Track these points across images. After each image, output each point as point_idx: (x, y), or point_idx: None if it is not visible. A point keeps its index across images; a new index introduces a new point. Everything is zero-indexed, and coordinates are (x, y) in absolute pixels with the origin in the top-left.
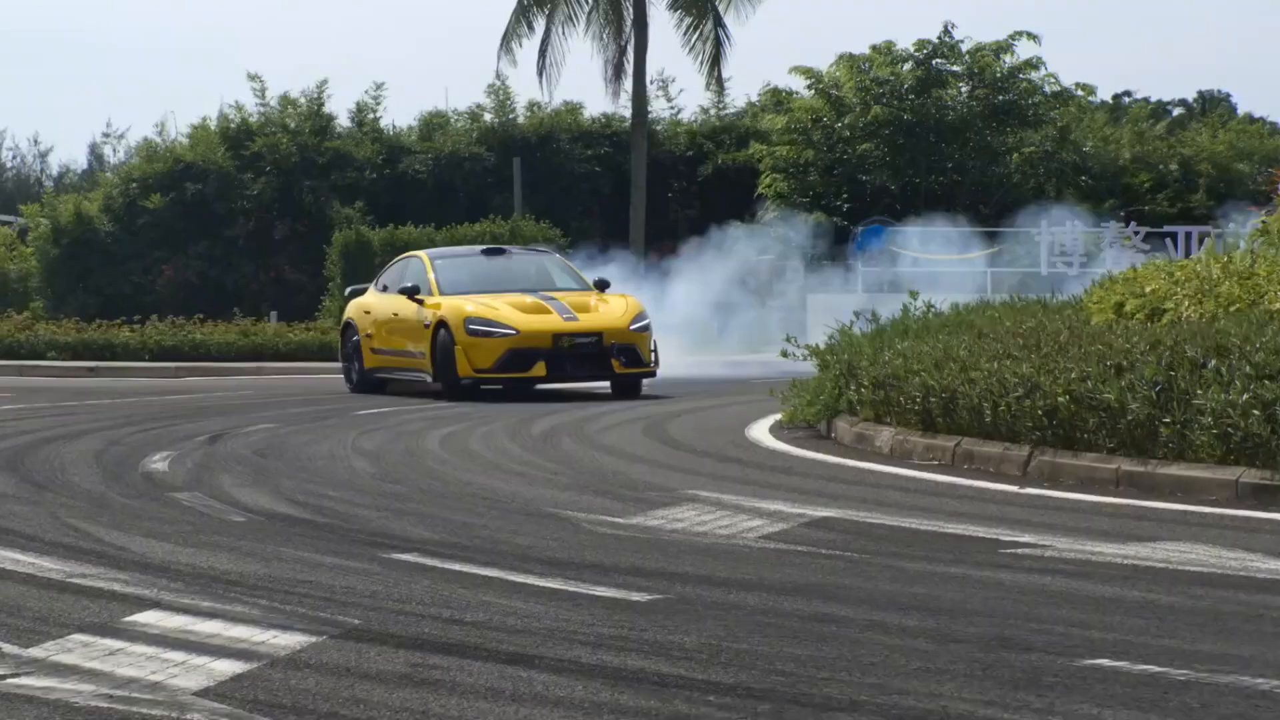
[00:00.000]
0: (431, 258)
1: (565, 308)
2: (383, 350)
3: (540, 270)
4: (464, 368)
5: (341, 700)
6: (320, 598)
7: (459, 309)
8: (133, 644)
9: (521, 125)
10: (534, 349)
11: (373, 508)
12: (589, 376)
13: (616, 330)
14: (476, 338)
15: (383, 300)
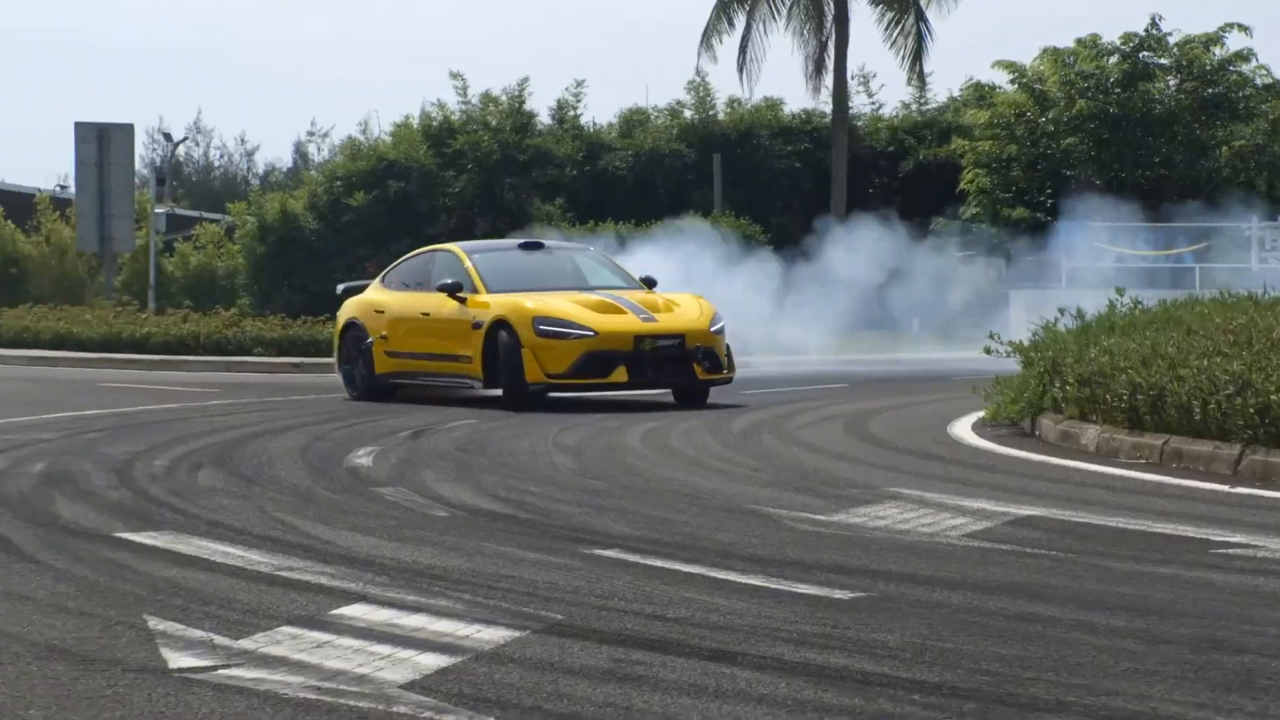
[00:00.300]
0: (468, 251)
1: (639, 307)
2: (403, 354)
3: (582, 266)
4: (533, 372)
5: (545, 695)
6: (523, 593)
7: (520, 307)
8: (340, 637)
9: (721, 121)
10: (614, 352)
11: (574, 504)
12: (669, 383)
13: (698, 332)
14: (548, 339)
15: (403, 298)
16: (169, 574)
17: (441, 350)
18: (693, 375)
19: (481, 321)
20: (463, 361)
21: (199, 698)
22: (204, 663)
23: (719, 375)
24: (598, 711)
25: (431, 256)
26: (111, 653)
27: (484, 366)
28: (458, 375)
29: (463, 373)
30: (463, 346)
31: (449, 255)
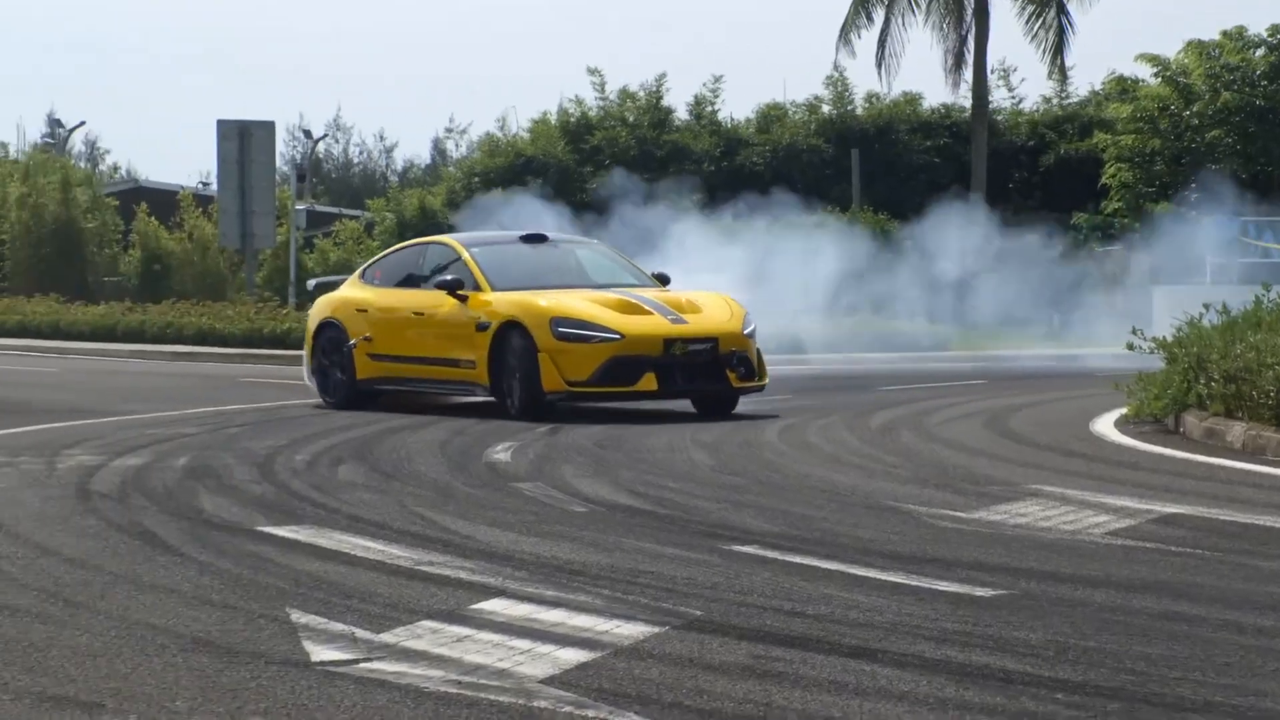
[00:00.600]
0: (466, 244)
1: (664, 307)
2: (392, 357)
3: (586, 261)
4: (552, 380)
5: (685, 691)
6: (662, 588)
7: (534, 307)
8: (479, 631)
9: (859, 116)
10: (642, 357)
11: (712, 499)
12: (700, 391)
13: (732, 335)
14: (568, 343)
15: (391, 296)
16: (311, 568)
17: (438, 354)
18: (726, 383)
19: (488, 323)
20: (464, 367)
21: (341, 691)
22: (346, 656)
23: (752, 383)
24: (737, 708)
25: (422, 250)
26: (255, 645)
27: (490, 372)
28: (458, 382)
29: (465, 379)
30: (465, 350)
31: (444, 249)
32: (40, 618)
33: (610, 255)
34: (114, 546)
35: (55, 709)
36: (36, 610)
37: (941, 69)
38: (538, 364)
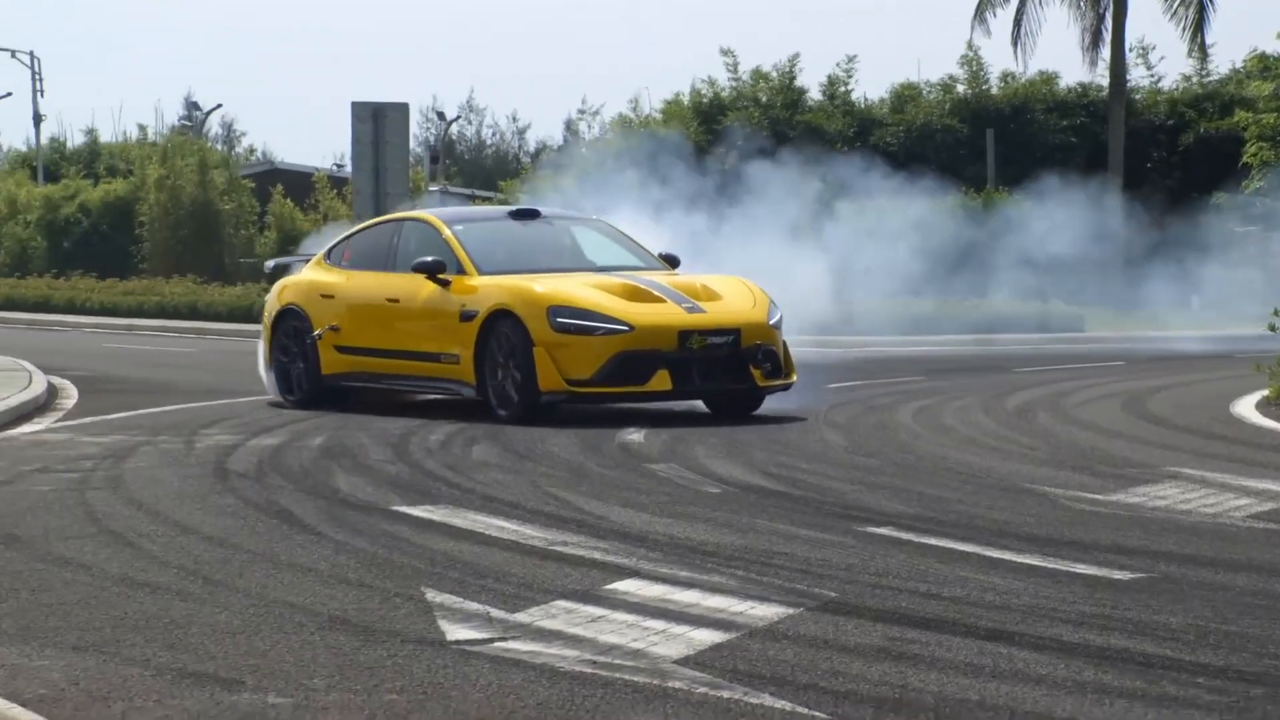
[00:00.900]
0: (447, 221)
1: (677, 294)
2: (362, 350)
3: (583, 240)
4: (550, 378)
5: (820, 672)
6: (796, 570)
7: (528, 294)
8: (614, 612)
9: (995, 96)
10: (654, 352)
11: (846, 481)
12: (721, 391)
13: (756, 326)
14: (569, 335)
15: (361, 281)
16: (445, 547)
17: (416, 347)
18: (750, 381)
19: (474, 311)
20: (447, 362)
21: (477, 669)
22: (481, 635)
23: (779, 381)
24: (872, 690)
25: (397, 227)
26: (391, 624)
27: (477, 369)
28: (439, 379)
29: (447, 376)
30: (447, 342)
31: (422, 226)
32: (180, 595)
33: (612, 233)
34: (251, 525)
35: (195, 685)
36: (176, 588)
37: (1079, 47)
38: (533, 360)
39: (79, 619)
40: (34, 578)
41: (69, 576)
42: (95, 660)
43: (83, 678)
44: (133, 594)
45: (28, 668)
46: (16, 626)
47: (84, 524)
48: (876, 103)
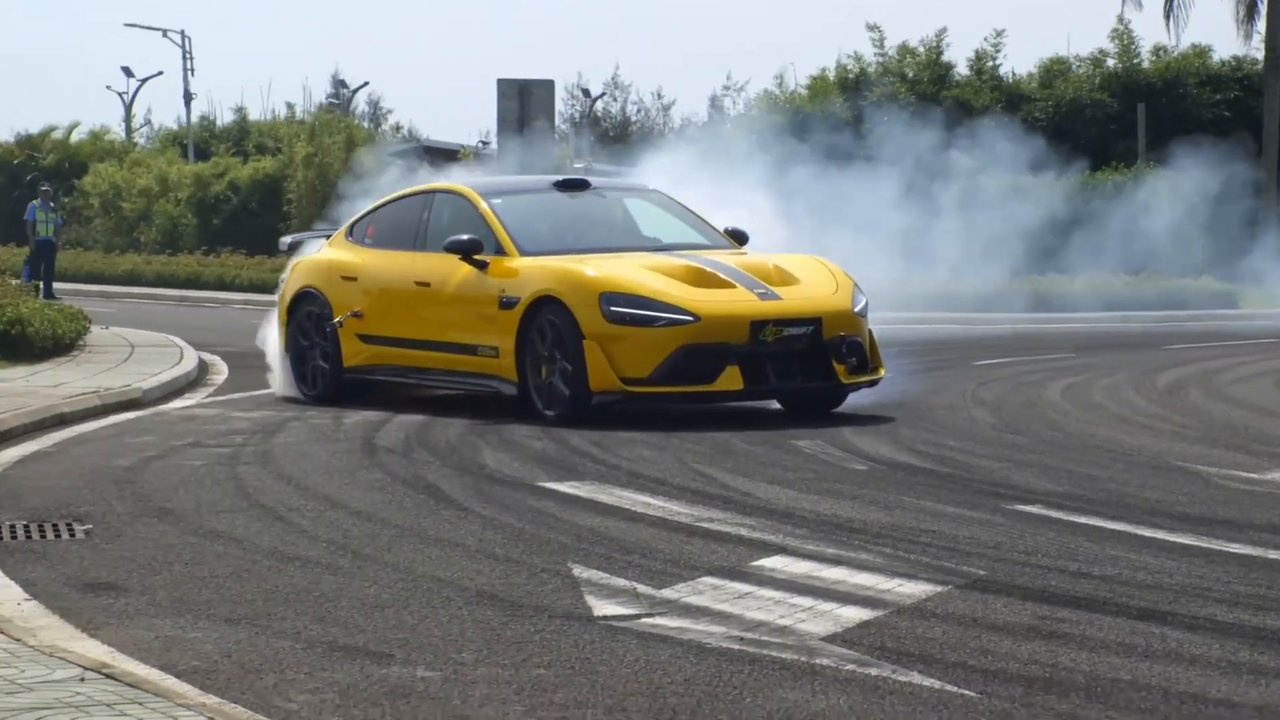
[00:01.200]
0: (484, 193)
1: (748, 276)
2: (387, 340)
3: (644, 215)
4: (602, 375)
5: (968, 651)
6: (944, 547)
7: (577, 277)
8: (760, 588)
9: (1146, 70)
10: (723, 345)
11: (994, 458)
12: (799, 389)
13: (839, 314)
14: (624, 326)
15: (387, 261)
16: (592, 523)
17: (449, 337)
18: (833, 377)
19: (515, 298)
20: (485, 355)
21: (624, 645)
22: (628, 611)
23: (865, 376)
24: (1022, 669)
25: (427, 200)
26: (538, 599)
27: (519, 364)
28: (475, 375)
29: (484, 371)
30: (485, 333)
31: (455, 199)
32: (330, 569)
33: (671, 206)
34: (399, 500)
35: (345, 658)
36: (326, 561)
37: (1233, 20)
38: (583, 354)
39: (231, 592)
40: (187, 551)
41: (221, 550)
42: (247, 633)
43: (235, 650)
44: (283, 568)
45: (182, 640)
46: (170, 599)
47: (235, 498)
48: (1025, 77)
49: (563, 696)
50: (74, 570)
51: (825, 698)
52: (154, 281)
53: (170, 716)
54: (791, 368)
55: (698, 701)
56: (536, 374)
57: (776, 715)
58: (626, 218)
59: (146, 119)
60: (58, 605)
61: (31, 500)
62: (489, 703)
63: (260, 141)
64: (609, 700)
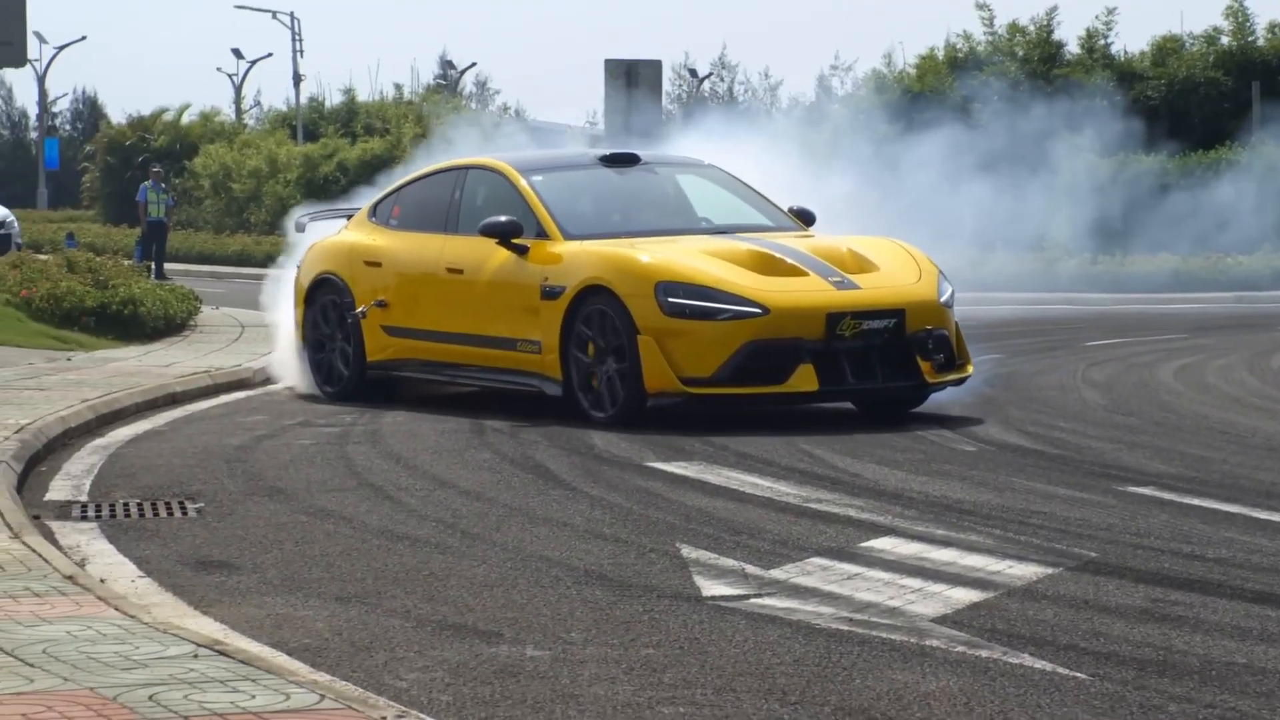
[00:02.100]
0: (523, 169)
1: (821, 263)
2: (415, 332)
3: (699, 194)
4: (659, 374)
5: (1080, 633)
6: (1054, 529)
7: (630, 264)
8: (869, 569)
9: (1261, 48)
10: (794, 341)
11: (1105, 439)
12: (881, 390)
13: (924, 306)
14: (684, 319)
15: (415, 245)
16: (700, 504)
17: (485, 330)
18: (917, 375)
19: (560, 287)
20: (525, 350)
21: (732, 625)
22: (736, 591)
23: (952, 375)
24: (1134, 651)
25: (459, 178)
26: (646, 579)
27: (564, 360)
28: (514, 372)
29: (524, 368)
30: (525, 325)
31: (491, 176)
32: (439, 548)
33: (729, 183)
34: (507, 479)
35: (455, 636)
36: (435, 540)
37: None
38: (637, 351)
39: (341, 570)
40: (297, 529)
41: (331, 529)
42: (358, 611)
43: (345, 628)
44: (393, 546)
45: (293, 618)
46: (281, 577)
47: (344, 477)
48: (1137, 56)
49: (671, 676)
50: (186, 548)
51: (935, 679)
52: (264, 262)
53: (282, 694)
54: (871, 365)
55: (807, 682)
56: (583, 372)
57: (886, 696)
58: (681, 196)
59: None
60: (171, 582)
61: (144, 479)
62: (598, 682)
63: (368, 123)
64: (718, 680)
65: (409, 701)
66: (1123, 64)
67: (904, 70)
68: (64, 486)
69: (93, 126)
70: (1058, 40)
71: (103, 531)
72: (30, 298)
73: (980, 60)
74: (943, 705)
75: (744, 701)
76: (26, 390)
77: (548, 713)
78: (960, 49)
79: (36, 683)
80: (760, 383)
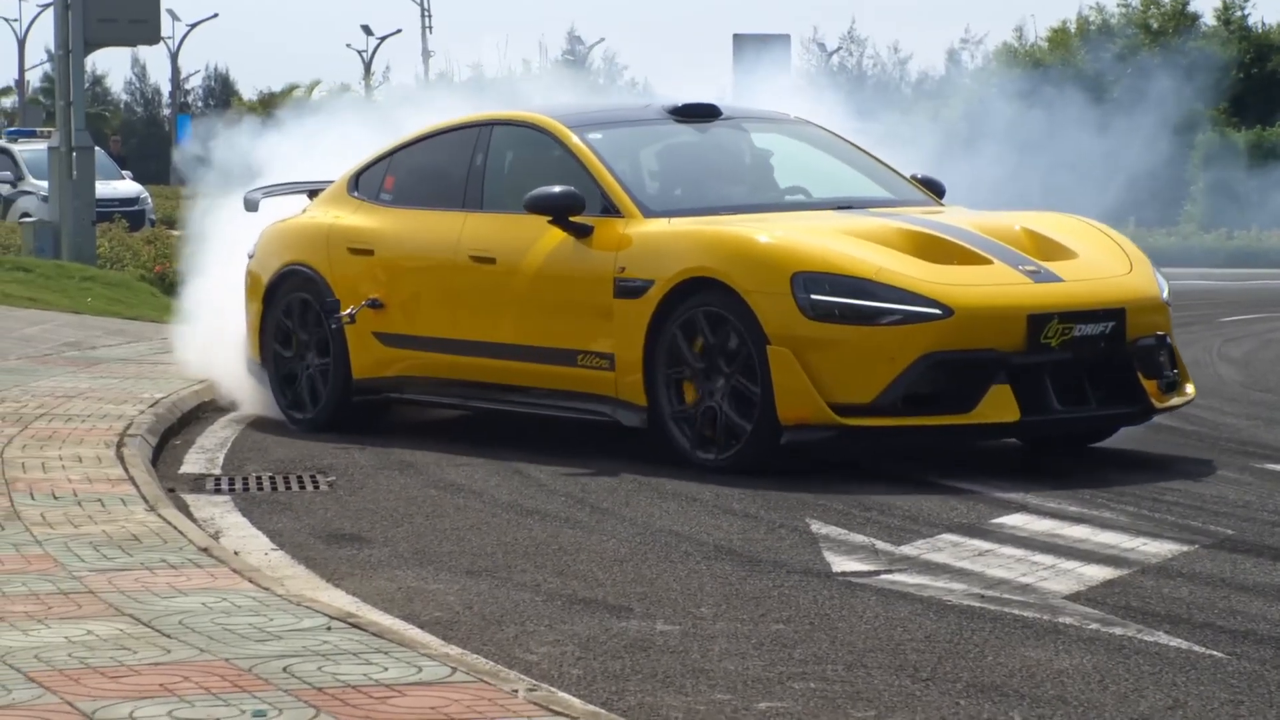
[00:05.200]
0: (574, 126)
1: (1004, 248)
2: (424, 342)
3: (791, 157)
4: (800, 399)
5: (1216, 611)
6: (1190, 506)
7: (756, 250)
8: (1001, 546)
9: None
10: (987, 354)
11: (1242, 416)
12: (1095, 419)
13: (1146, 304)
14: (834, 324)
15: (420, 225)
16: (829, 479)
17: (529, 340)
18: (1143, 398)
19: (644, 281)
20: (590, 365)
21: (863, 601)
22: (866, 567)
23: (1178, 397)
24: (1272, 630)
25: (480, 138)
26: (776, 555)
27: (649, 379)
28: (574, 397)
29: (590, 389)
30: (590, 333)
31: (528, 134)
32: (569, 523)
33: (831, 144)
34: (637, 454)
35: (585, 610)
36: (565, 515)
37: None
38: (768, 368)
39: (471, 544)
40: (428, 503)
41: (461, 502)
42: (488, 585)
43: (476, 601)
44: (522, 521)
45: (424, 591)
46: (412, 550)
47: (474, 451)
48: (1274, 28)
49: (802, 652)
50: (318, 521)
51: (1069, 656)
52: None
53: (414, 666)
54: (1080, 385)
55: (939, 658)
56: (679, 395)
57: (1019, 674)
58: (768, 161)
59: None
60: (303, 555)
61: (277, 452)
62: (728, 657)
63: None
64: (849, 656)
65: (539, 675)
66: (1260, 36)
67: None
68: (198, 460)
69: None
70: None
71: (236, 505)
72: (164, 273)
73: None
74: (1076, 683)
75: (875, 677)
76: (161, 364)
77: (678, 687)
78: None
79: (173, 653)
80: (940, 411)
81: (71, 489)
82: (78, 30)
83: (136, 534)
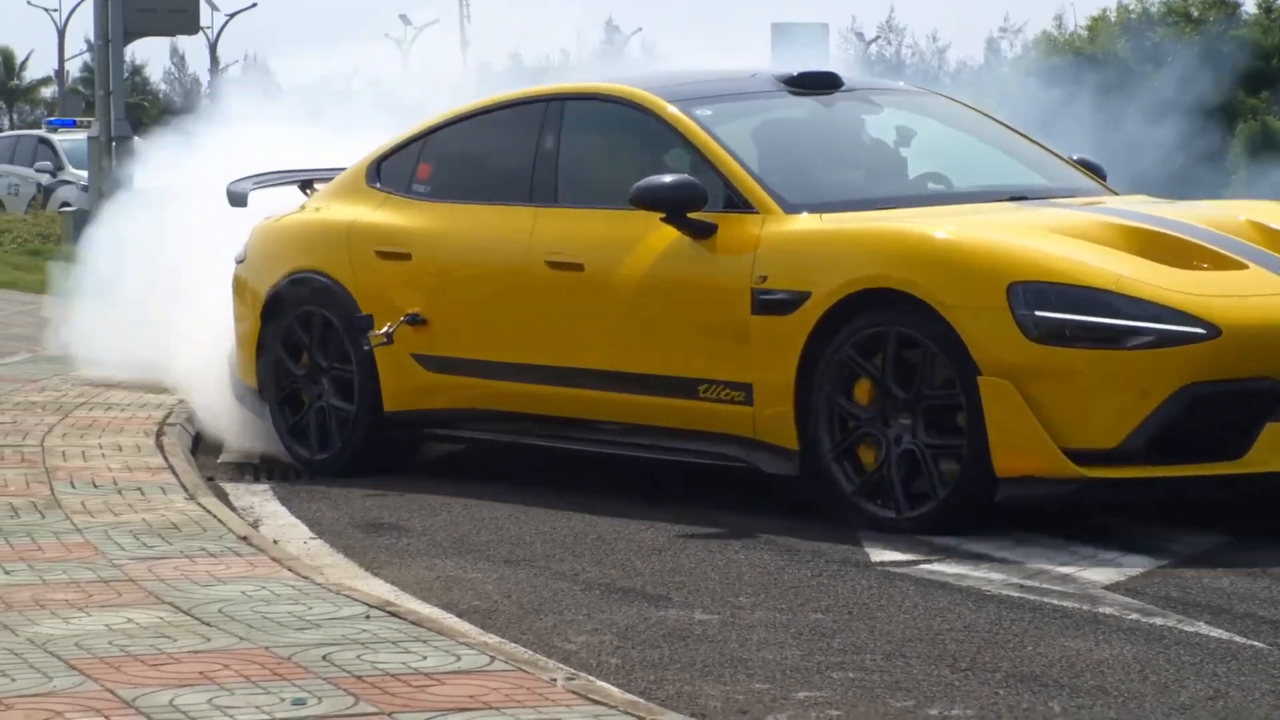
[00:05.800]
0: (673, 98)
1: (1254, 249)
2: (483, 366)
3: (929, 137)
4: (1025, 444)
5: (1258, 601)
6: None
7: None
8: (1041, 535)
9: None
10: (1264, 383)
11: None
12: None
13: None
14: (1066, 348)
15: (473, 223)
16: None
17: (632, 366)
18: None
19: (796, 294)
20: (718, 398)
21: (901, 591)
22: (906, 557)
23: None
24: None
25: (548, 115)
26: (814, 544)
27: (803, 417)
28: (699, 436)
29: (720, 428)
30: (720, 358)
31: (614, 111)
32: (607, 512)
33: (969, 120)
34: None
35: (623, 600)
36: (603, 504)
37: None
38: (979, 403)
39: (510, 533)
40: (466, 493)
41: (498, 491)
42: (526, 573)
43: (514, 590)
44: (560, 510)
45: (462, 580)
46: (450, 539)
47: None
48: None
49: (840, 641)
50: (357, 510)
51: (1109, 646)
52: None
53: (453, 655)
54: None
55: (978, 648)
56: (841, 434)
57: (1058, 664)
58: (894, 144)
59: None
60: (342, 544)
61: None
62: (767, 646)
63: None
64: (887, 646)
65: (578, 664)
66: None
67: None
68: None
69: None
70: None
71: (275, 494)
72: None
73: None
74: (1116, 673)
75: (914, 667)
76: None
77: (716, 676)
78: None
79: (213, 641)
80: (1203, 457)
81: (111, 477)
82: (117, 20)
83: (176, 522)
